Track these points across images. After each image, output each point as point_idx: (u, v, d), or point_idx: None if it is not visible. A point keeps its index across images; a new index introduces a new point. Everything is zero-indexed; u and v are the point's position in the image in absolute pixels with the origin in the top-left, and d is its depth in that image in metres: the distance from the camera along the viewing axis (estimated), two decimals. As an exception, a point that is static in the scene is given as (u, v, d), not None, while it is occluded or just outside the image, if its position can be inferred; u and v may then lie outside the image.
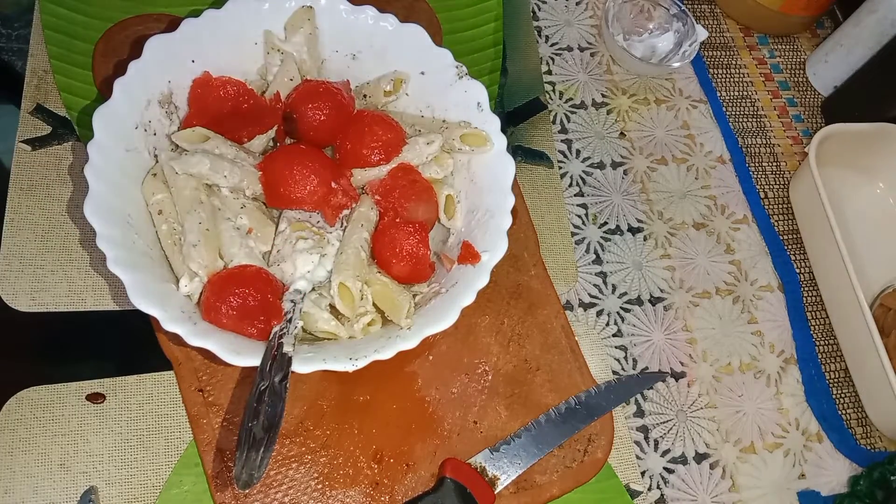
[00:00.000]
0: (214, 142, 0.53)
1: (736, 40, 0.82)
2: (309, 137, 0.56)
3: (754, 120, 0.78)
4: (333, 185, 0.54)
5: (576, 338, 0.61)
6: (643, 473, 0.59)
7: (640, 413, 0.61)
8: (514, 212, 0.54)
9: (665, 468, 0.59)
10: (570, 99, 0.74)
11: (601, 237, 0.67)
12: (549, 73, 0.74)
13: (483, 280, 0.51)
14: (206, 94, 0.54)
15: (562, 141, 0.71)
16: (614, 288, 0.65)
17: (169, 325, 0.45)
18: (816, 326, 0.67)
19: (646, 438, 0.60)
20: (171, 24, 0.55)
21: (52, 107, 0.61)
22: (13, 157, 0.59)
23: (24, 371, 0.53)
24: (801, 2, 0.78)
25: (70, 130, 0.60)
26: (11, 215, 0.57)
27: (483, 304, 0.59)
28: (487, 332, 0.59)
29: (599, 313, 0.64)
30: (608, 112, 0.74)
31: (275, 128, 0.56)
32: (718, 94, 0.78)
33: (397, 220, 0.55)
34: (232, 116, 0.54)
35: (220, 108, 0.54)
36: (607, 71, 0.76)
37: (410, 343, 0.48)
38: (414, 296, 0.53)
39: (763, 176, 0.74)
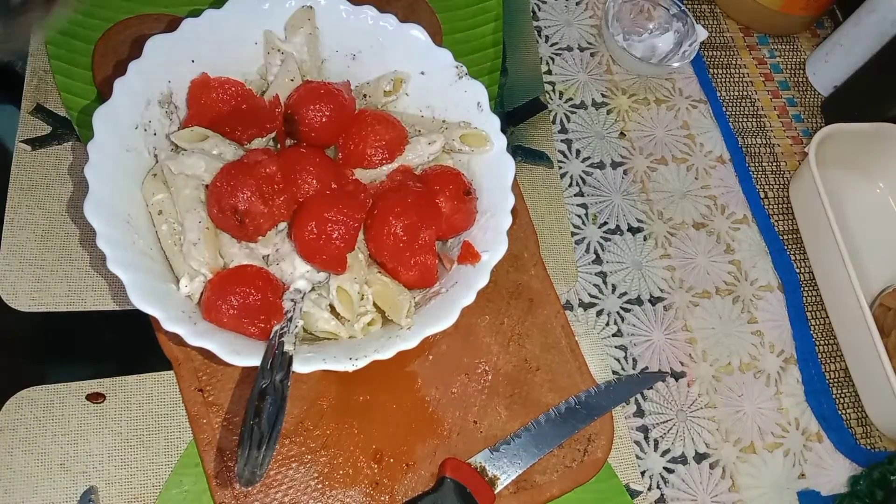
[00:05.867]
0: (213, 140, 0.53)
1: (736, 40, 0.82)
2: (310, 139, 0.56)
3: (754, 120, 0.78)
4: (334, 186, 0.54)
5: (576, 338, 0.61)
6: (643, 473, 0.59)
7: (639, 413, 0.61)
8: (513, 212, 0.54)
9: (665, 468, 0.59)
10: (570, 99, 0.74)
11: (601, 237, 0.67)
12: (549, 73, 0.74)
13: (483, 280, 0.51)
14: (204, 96, 0.54)
15: (562, 141, 0.71)
16: (614, 288, 0.65)
17: (169, 326, 0.45)
18: (816, 326, 0.67)
19: (646, 438, 0.60)
20: (171, 24, 0.55)
21: (52, 107, 0.61)
22: (13, 157, 0.59)
23: (24, 371, 0.53)
24: (801, 2, 0.78)
25: (70, 130, 0.60)
26: (11, 215, 0.57)
27: (483, 303, 0.59)
28: (487, 332, 0.59)
29: (599, 313, 0.64)
30: (608, 112, 0.74)
31: (274, 132, 0.56)
32: (718, 94, 0.78)
33: None
34: (231, 118, 0.54)
35: (218, 110, 0.54)
36: (607, 71, 0.76)
37: (410, 343, 0.48)
38: (414, 296, 0.53)
39: (763, 176, 0.74)
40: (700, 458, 0.60)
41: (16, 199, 0.57)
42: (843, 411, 0.64)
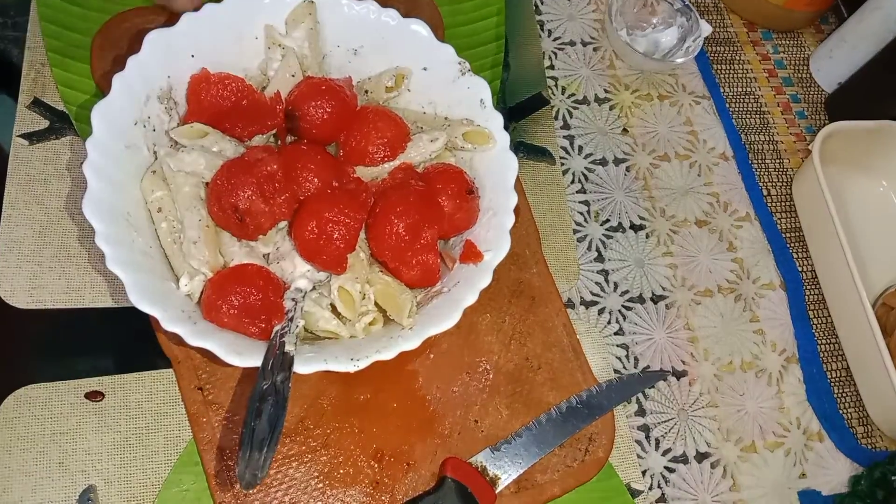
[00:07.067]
0: (213, 137, 0.53)
1: (740, 36, 0.82)
2: (311, 136, 0.55)
3: (758, 116, 0.77)
4: (335, 184, 0.53)
5: (577, 336, 0.60)
6: (644, 473, 0.58)
7: (641, 412, 0.60)
8: (515, 209, 0.53)
9: (666, 467, 0.59)
10: (573, 94, 0.73)
11: (603, 234, 0.67)
12: (552, 68, 0.74)
13: (486, 280, 0.50)
14: (204, 92, 0.54)
15: (564, 137, 0.71)
16: (616, 286, 0.65)
17: (169, 325, 0.44)
18: (818, 325, 0.67)
19: (647, 437, 0.60)
20: (171, 18, 0.55)
21: (50, 101, 0.60)
22: (10, 151, 0.58)
23: (22, 369, 0.52)
24: (806, -3, 0.77)
25: (68, 125, 0.60)
26: (9, 211, 0.56)
27: (484, 302, 0.59)
28: (489, 331, 0.59)
29: (601, 311, 0.64)
30: (611, 108, 0.73)
31: (275, 129, 0.55)
32: (722, 90, 0.77)
33: None
34: (231, 114, 0.54)
35: (219, 106, 0.54)
36: (610, 66, 0.76)
37: (412, 343, 0.48)
38: (416, 295, 0.53)
39: (766, 173, 0.74)
40: (701, 457, 0.60)
41: (13, 195, 0.57)
42: (845, 411, 0.64)
